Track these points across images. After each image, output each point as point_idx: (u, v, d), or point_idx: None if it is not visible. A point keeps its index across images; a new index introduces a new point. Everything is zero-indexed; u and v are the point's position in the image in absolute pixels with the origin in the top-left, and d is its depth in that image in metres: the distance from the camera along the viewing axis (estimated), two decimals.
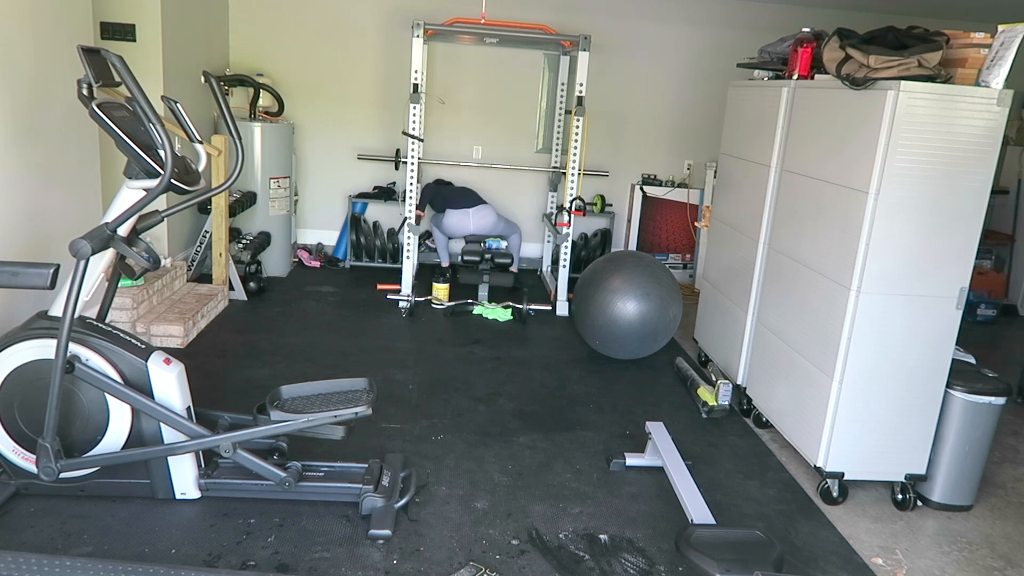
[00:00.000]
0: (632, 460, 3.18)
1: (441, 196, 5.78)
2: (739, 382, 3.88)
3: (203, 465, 2.73)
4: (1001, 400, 2.97)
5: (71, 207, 3.69)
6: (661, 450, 3.07)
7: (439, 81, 6.26)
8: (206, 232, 5.16)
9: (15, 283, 2.24)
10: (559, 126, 6.14)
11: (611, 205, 6.57)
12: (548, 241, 6.32)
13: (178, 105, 2.68)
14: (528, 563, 2.50)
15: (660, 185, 6.50)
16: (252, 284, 5.15)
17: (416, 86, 4.98)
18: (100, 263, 2.58)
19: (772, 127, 3.63)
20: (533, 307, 5.20)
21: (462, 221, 5.58)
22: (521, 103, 6.39)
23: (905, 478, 3.06)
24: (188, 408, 2.65)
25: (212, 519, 2.59)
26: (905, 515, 3.03)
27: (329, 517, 2.65)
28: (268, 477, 2.65)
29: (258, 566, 2.37)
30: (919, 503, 3.09)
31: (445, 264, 5.96)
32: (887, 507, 3.08)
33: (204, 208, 5.20)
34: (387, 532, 2.54)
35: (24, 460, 2.56)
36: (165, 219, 2.77)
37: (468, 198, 5.67)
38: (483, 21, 5.12)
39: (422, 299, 5.29)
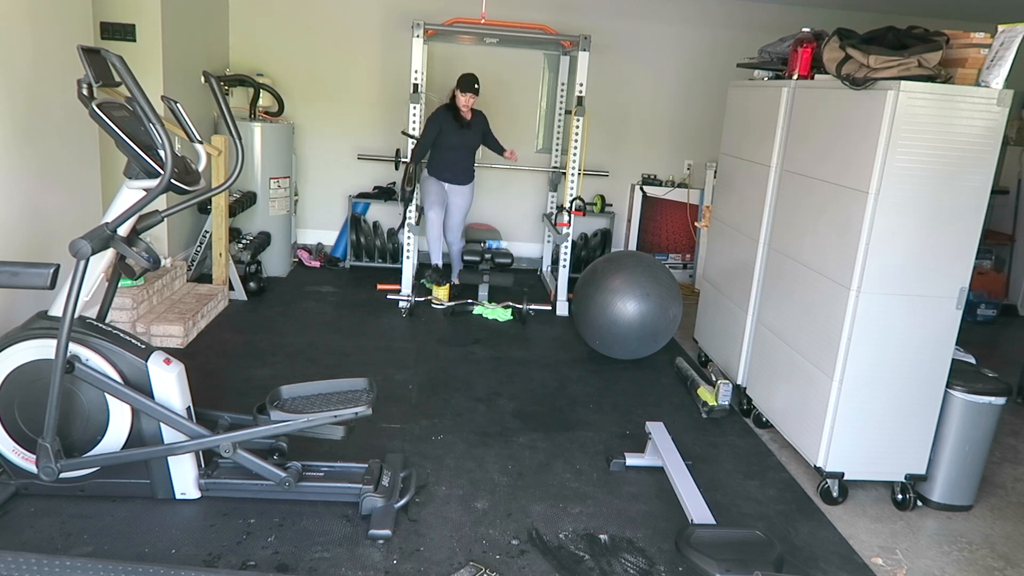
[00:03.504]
0: (632, 460, 3.18)
1: (440, 161, 5.37)
2: (739, 382, 3.88)
3: (203, 465, 2.73)
4: (1001, 400, 2.97)
5: (71, 207, 3.69)
6: (661, 450, 3.07)
7: (439, 81, 6.25)
8: (206, 232, 5.16)
9: (15, 283, 2.24)
10: (559, 126, 6.14)
11: (611, 205, 6.56)
12: (548, 241, 6.32)
13: (178, 105, 2.68)
14: (528, 563, 2.50)
15: (660, 185, 6.50)
16: (252, 284, 5.15)
17: (416, 86, 4.98)
18: (100, 263, 2.58)
19: (772, 127, 3.63)
20: (533, 307, 5.20)
21: (440, 193, 5.35)
22: (521, 103, 6.39)
23: (905, 478, 3.06)
24: (188, 408, 2.65)
25: (212, 519, 2.59)
26: (905, 515, 3.03)
27: (329, 517, 2.64)
28: (268, 477, 2.65)
29: (258, 566, 2.37)
30: (919, 503, 3.09)
31: (436, 263, 5.55)
32: (887, 507, 3.08)
33: (204, 208, 5.20)
34: (387, 532, 2.54)
35: (24, 460, 2.56)
36: (165, 219, 2.77)
37: (461, 175, 5.42)
38: (483, 21, 5.12)
39: (422, 299, 5.29)
